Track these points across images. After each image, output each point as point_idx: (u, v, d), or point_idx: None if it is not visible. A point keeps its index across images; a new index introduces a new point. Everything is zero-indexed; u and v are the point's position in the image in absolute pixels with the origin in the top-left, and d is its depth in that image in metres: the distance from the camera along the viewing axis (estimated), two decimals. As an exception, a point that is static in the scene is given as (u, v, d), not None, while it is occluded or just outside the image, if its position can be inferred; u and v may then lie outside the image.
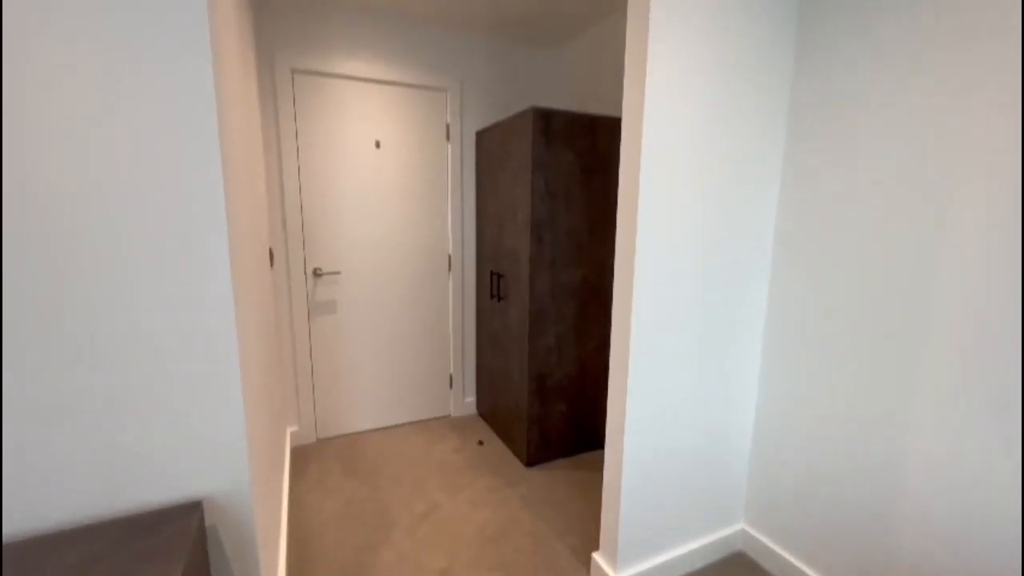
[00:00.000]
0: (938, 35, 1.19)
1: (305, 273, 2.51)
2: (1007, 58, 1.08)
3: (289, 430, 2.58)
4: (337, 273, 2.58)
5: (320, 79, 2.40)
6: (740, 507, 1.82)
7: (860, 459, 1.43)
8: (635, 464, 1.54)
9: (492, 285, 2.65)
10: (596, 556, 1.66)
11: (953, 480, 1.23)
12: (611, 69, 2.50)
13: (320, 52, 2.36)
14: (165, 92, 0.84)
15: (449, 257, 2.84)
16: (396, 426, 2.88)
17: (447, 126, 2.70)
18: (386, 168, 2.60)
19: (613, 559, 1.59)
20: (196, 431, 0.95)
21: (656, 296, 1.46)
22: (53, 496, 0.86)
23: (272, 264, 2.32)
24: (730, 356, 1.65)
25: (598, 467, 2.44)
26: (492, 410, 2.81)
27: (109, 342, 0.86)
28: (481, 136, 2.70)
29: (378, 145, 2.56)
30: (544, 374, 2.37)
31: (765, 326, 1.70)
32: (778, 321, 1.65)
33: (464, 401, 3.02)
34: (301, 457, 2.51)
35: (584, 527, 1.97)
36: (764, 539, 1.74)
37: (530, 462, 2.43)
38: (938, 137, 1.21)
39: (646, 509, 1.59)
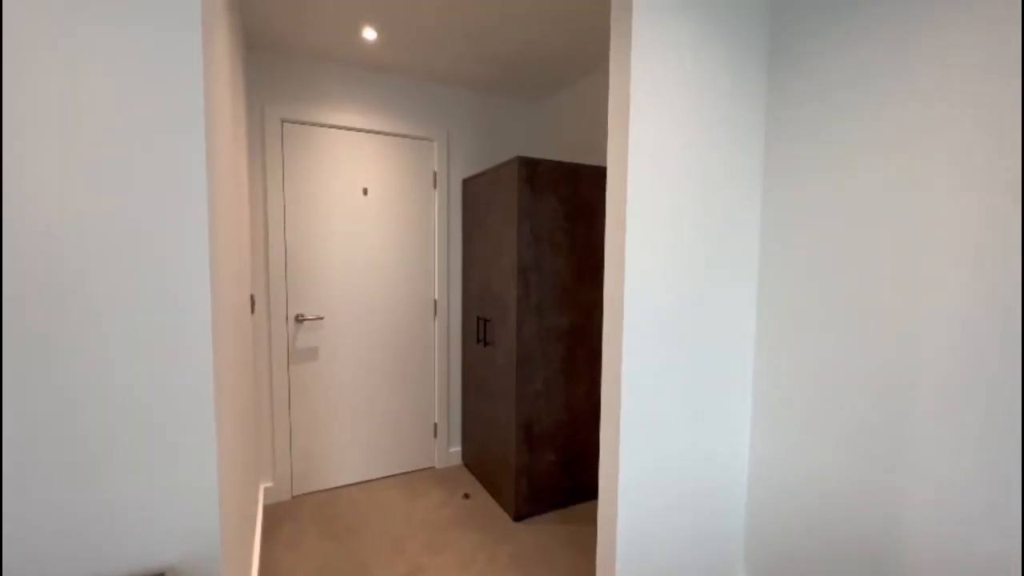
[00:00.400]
0: (888, 95, 1.28)
1: (287, 319, 2.45)
2: (965, 108, 1.16)
3: (263, 486, 2.43)
4: (320, 319, 2.53)
5: (309, 128, 2.44)
6: (740, 556, 1.75)
7: (853, 509, 1.40)
8: (630, 522, 1.47)
9: (479, 330, 2.62)
10: (592, 620, 1.56)
11: (952, 530, 1.20)
12: (593, 120, 2.60)
13: (310, 103, 2.42)
14: (153, 138, 0.83)
15: (435, 302, 2.82)
16: (377, 480, 2.74)
17: (434, 174, 2.75)
18: (373, 215, 2.61)
19: (610, 623, 1.49)
20: (163, 498, 0.88)
21: (645, 349, 1.45)
22: (4, 569, 0.77)
23: (253, 311, 2.26)
24: (721, 408, 1.63)
25: (590, 519, 2.34)
26: (478, 460, 2.71)
27: (71, 397, 0.80)
28: (467, 184, 2.75)
29: (365, 192, 2.58)
30: (532, 421, 2.30)
31: (753, 382, 1.70)
32: (765, 378, 1.65)
33: (449, 451, 2.91)
34: (274, 516, 2.35)
35: (577, 587, 1.86)
36: (765, 595, 1.67)
37: (519, 516, 2.32)
38: (891, 201, 1.27)
39: (643, 568, 1.51)
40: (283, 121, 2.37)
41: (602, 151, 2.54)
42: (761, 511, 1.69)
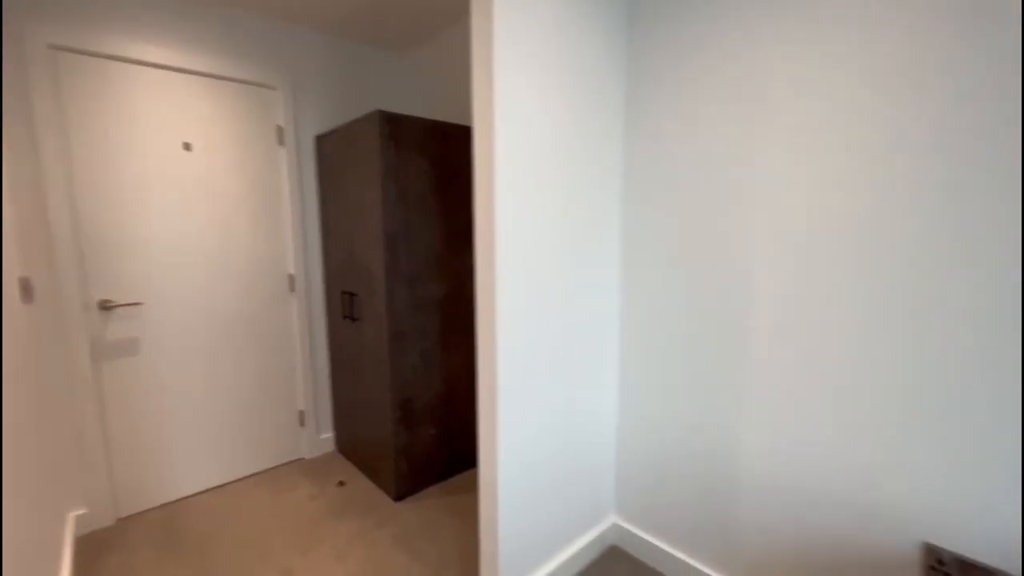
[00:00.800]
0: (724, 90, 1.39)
1: (87, 306, 1.94)
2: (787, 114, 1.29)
3: (72, 515, 1.96)
4: (137, 304, 2.06)
5: (98, 62, 1.90)
6: (611, 502, 1.89)
7: (705, 446, 1.58)
8: (510, 484, 1.47)
9: (345, 305, 2.38)
10: (478, 587, 1.55)
11: (781, 452, 1.41)
12: (464, 75, 2.46)
13: (97, 28, 1.87)
14: None
15: (291, 277, 2.49)
16: (234, 482, 2.40)
17: (279, 128, 2.37)
18: (201, 175, 2.17)
19: (495, 586, 1.50)
20: None
21: (519, 317, 1.42)
22: None
23: (30, 299, 1.75)
24: (592, 370, 1.70)
25: (473, 487, 2.34)
26: (353, 444, 2.52)
27: None
28: (322, 141, 2.43)
29: (188, 147, 2.12)
30: (410, 397, 2.19)
31: (620, 337, 1.79)
32: (630, 335, 1.76)
33: (319, 439, 2.67)
34: (94, 547, 1.92)
35: (464, 554, 1.85)
36: (634, 529, 1.83)
37: (400, 495, 2.22)
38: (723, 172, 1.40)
39: (524, 525, 1.54)
40: (54, 48, 1.81)
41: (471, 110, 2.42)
42: (629, 461, 1.83)
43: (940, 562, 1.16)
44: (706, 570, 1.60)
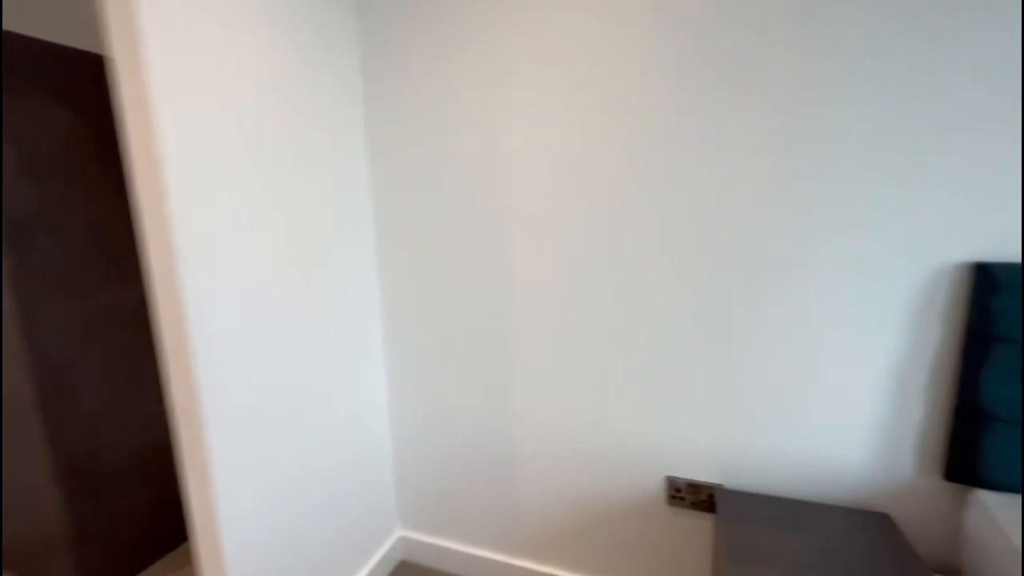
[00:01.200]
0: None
1: None
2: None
3: None
4: None
5: None
6: (395, 515, 1.67)
7: (481, 431, 1.50)
8: (243, 552, 1.10)
9: (-60, 338, 1.48)
10: None
11: (546, 422, 1.41)
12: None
13: None
14: None
15: None
16: None
17: None
18: None
19: None
20: None
21: (231, 330, 1.04)
22: None
23: None
24: (350, 368, 1.42)
25: (218, 546, 1.80)
26: (-2, 545, 1.65)
27: None
28: None
29: None
30: (90, 456, 1.51)
31: (384, 333, 1.55)
32: (393, 328, 1.55)
33: (-75, 554, 1.66)
34: None
35: (201, 651, 1.37)
36: (422, 537, 1.66)
37: (91, 599, 1.54)
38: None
39: (284, 568, 1.19)
40: None
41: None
42: (409, 467, 1.64)
43: (677, 490, 1.32)
44: (496, 557, 1.55)
